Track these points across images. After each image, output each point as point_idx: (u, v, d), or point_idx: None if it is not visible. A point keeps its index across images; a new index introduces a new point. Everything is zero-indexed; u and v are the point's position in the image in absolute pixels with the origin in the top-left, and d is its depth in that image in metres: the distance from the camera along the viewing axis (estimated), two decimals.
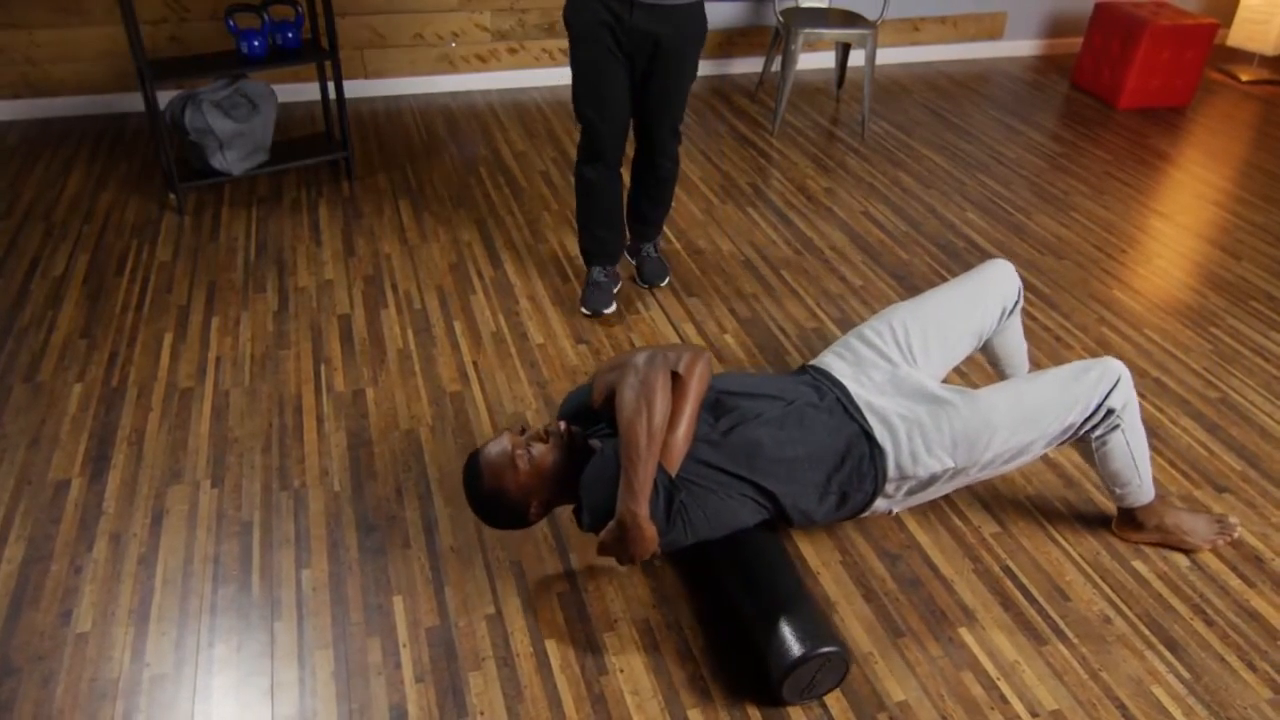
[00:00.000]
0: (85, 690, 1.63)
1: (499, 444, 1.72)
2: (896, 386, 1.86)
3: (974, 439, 1.77)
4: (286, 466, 2.12)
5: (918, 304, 2.01)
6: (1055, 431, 1.80)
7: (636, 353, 1.71)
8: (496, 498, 1.71)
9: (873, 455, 1.78)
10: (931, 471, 1.79)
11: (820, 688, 1.64)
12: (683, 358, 1.70)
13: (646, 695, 1.66)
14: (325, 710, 1.61)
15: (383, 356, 2.49)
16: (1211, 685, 1.71)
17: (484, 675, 1.68)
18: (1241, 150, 4.01)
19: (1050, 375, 1.83)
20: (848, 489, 1.79)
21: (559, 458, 1.72)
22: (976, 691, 1.69)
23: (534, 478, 1.70)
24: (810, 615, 1.64)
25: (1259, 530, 2.06)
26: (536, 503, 1.73)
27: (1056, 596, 1.88)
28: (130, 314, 2.63)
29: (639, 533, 1.61)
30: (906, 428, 1.79)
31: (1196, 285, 2.98)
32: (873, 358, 1.93)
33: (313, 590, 1.83)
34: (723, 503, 1.71)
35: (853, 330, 2.03)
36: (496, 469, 1.70)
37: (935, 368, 1.97)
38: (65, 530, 1.94)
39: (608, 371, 1.77)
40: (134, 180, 3.36)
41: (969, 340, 2.02)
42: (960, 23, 4.90)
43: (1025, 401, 1.79)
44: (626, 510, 1.60)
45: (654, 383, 1.63)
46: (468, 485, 1.74)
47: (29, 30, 3.67)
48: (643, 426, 1.60)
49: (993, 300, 2.03)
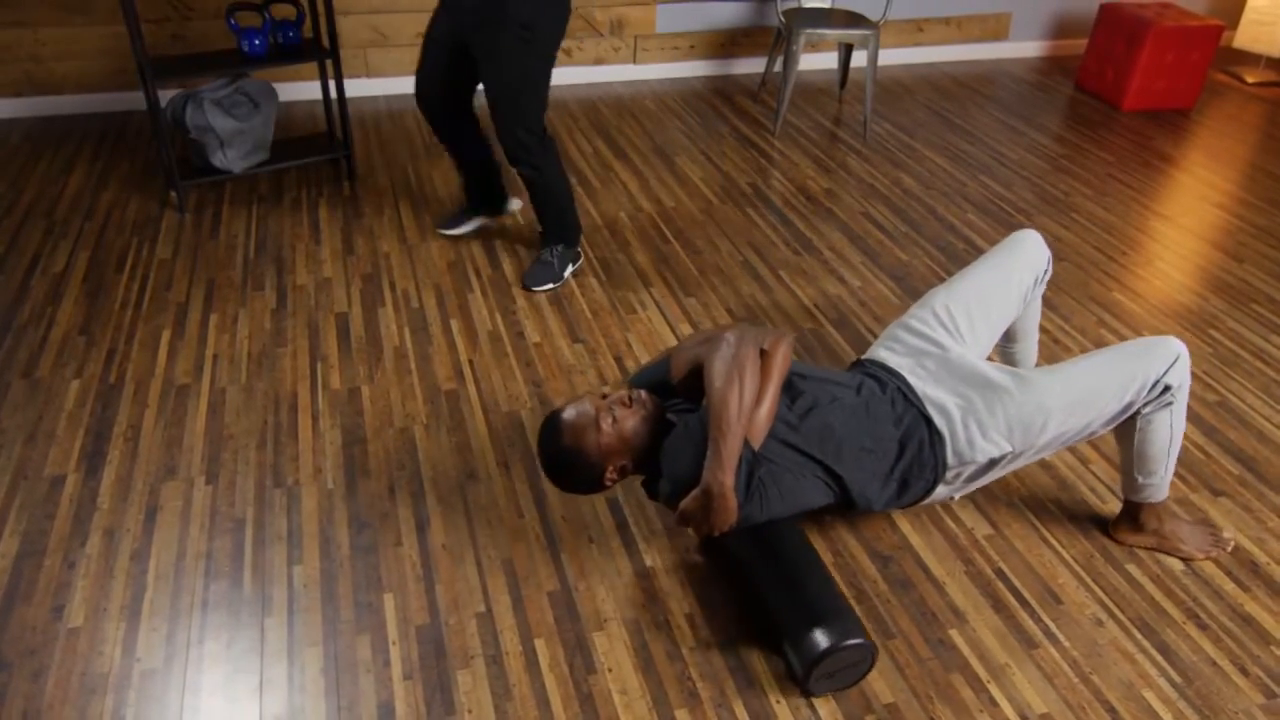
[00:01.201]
0: (75, 685, 1.64)
1: (582, 404, 1.74)
2: (950, 372, 1.89)
3: (1029, 423, 1.79)
4: (280, 464, 2.13)
5: (954, 284, 2.04)
6: (1114, 410, 1.80)
7: (725, 329, 1.74)
8: (575, 458, 1.72)
9: (933, 443, 1.81)
10: (990, 456, 1.81)
11: (842, 681, 1.65)
12: (769, 337, 1.73)
13: (635, 695, 1.66)
14: (313, 707, 1.62)
15: (379, 355, 2.49)
16: (1203, 689, 1.71)
17: (472, 673, 1.68)
18: (1246, 153, 3.99)
19: (1105, 355, 1.82)
20: (909, 477, 1.82)
21: (640, 425, 1.74)
22: (966, 694, 1.68)
23: (616, 441, 1.72)
24: (847, 605, 1.67)
25: (1255, 535, 2.04)
26: (612, 468, 1.74)
27: (1048, 599, 1.87)
28: (129, 311, 2.64)
29: (724, 503, 1.63)
30: (962, 415, 1.81)
31: (1197, 288, 2.97)
32: (923, 345, 1.95)
33: (304, 587, 1.84)
34: (797, 482, 1.74)
35: (895, 322, 2.05)
36: (578, 429, 1.71)
37: (983, 342, 2.01)
38: (59, 525, 1.95)
39: (691, 347, 1.80)
40: (135, 178, 3.37)
41: (1010, 310, 2.05)
42: (964, 24, 4.89)
43: (1080, 383, 1.79)
44: (715, 479, 1.62)
45: (746, 358, 1.65)
46: (545, 443, 1.75)
47: (34, 28, 3.69)
48: (735, 398, 1.61)
49: (1026, 269, 2.05)
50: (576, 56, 4.40)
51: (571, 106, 4.17)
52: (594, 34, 4.36)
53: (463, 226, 3.06)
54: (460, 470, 2.13)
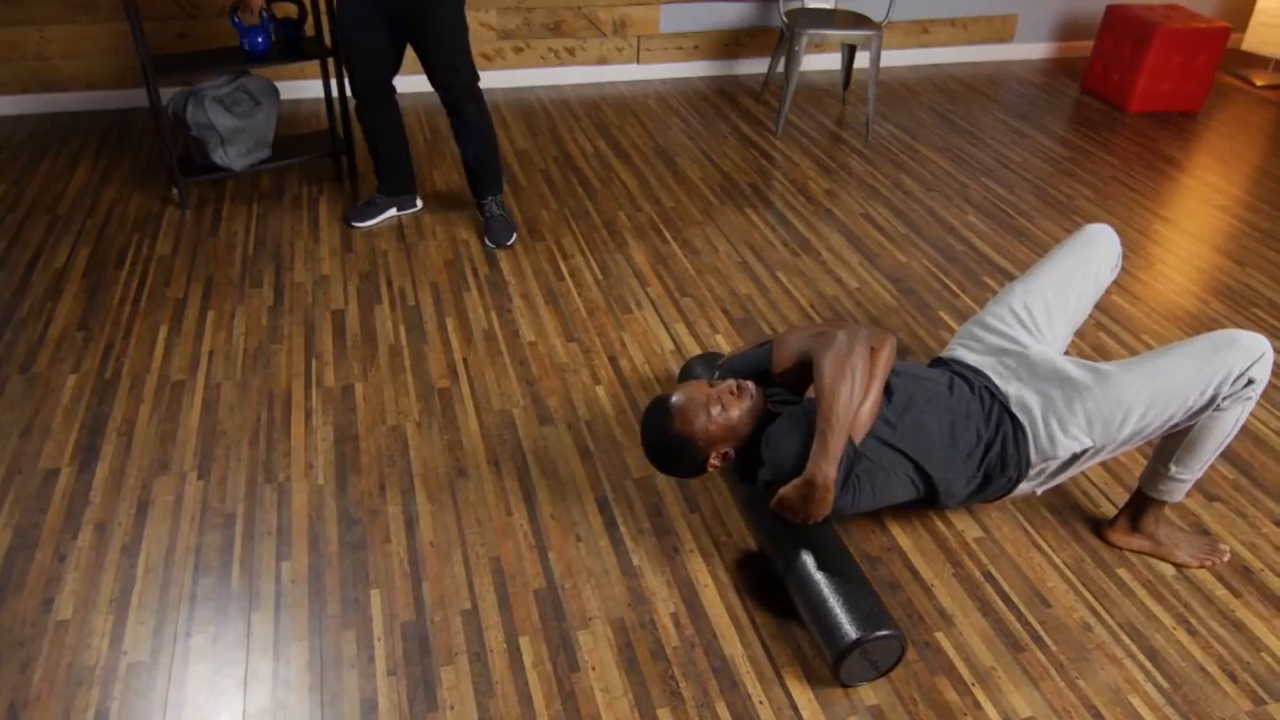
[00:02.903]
0: (62, 677, 1.65)
1: (690, 390, 1.80)
2: (1030, 370, 1.90)
3: (1109, 417, 1.79)
4: (272, 460, 2.14)
5: (1031, 279, 2.04)
6: (1198, 404, 1.78)
7: (833, 326, 1.79)
8: (683, 443, 1.78)
9: (1017, 441, 1.83)
10: (1071, 451, 1.82)
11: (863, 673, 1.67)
12: (875, 337, 1.77)
13: (617, 694, 1.66)
14: (297, 701, 1.62)
15: (374, 352, 2.50)
16: (1191, 695, 1.69)
17: (456, 670, 1.69)
18: (1253, 156, 3.96)
19: (1186, 348, 1.80)
20: (992, 472, 1.85)
21: (746, 414, 1.80)
22: (950, 696, 1.67)
23: (723, 428, 1.78)
24: (878, 603, 1.69)
25: (1248, 540, 2.03)
26: (716, 454, 1.80)
27: (1037, 602, 1.86)
28: (127, 307, 2.66)
29: (825, 494, 1.68)
30: (1043, 411, 1.83)
31: (1198, 292, 2.95)
32: (1002, 343, 1.97)
33: (291, 582, 1.84)
34: (888, 478, 1.79)
35: (972, 319, 2.06)
36: (689, 414, 1.77)
37: (1061, 337, 2.03)
38: (52, 519, 1.97)
39: (799, 340, 1.86)
40: (138, 175, 3.40)
41: (1087, 304, 2.06)
42: (970, 25, 4.87)
43: (1162, 377, 1.78)
44: (819, 470, 1.66)
45: (858, 355, 1.71)
46: (652, 428, 1.80)
47: (40, 26, 3.72)
48: (846, 395, 1.67)
49: (1102, 261, 2.05)
50: (580, 56, 4.40)
51: (574, 106, 4.18)
52: (597, 34, 4.37)
53: (378, 218, 3.13)
54: (451, 468, 2.13)
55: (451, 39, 2.76)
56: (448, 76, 2.80)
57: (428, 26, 2.72)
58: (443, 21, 2.72)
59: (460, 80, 2.82)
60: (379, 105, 2.95)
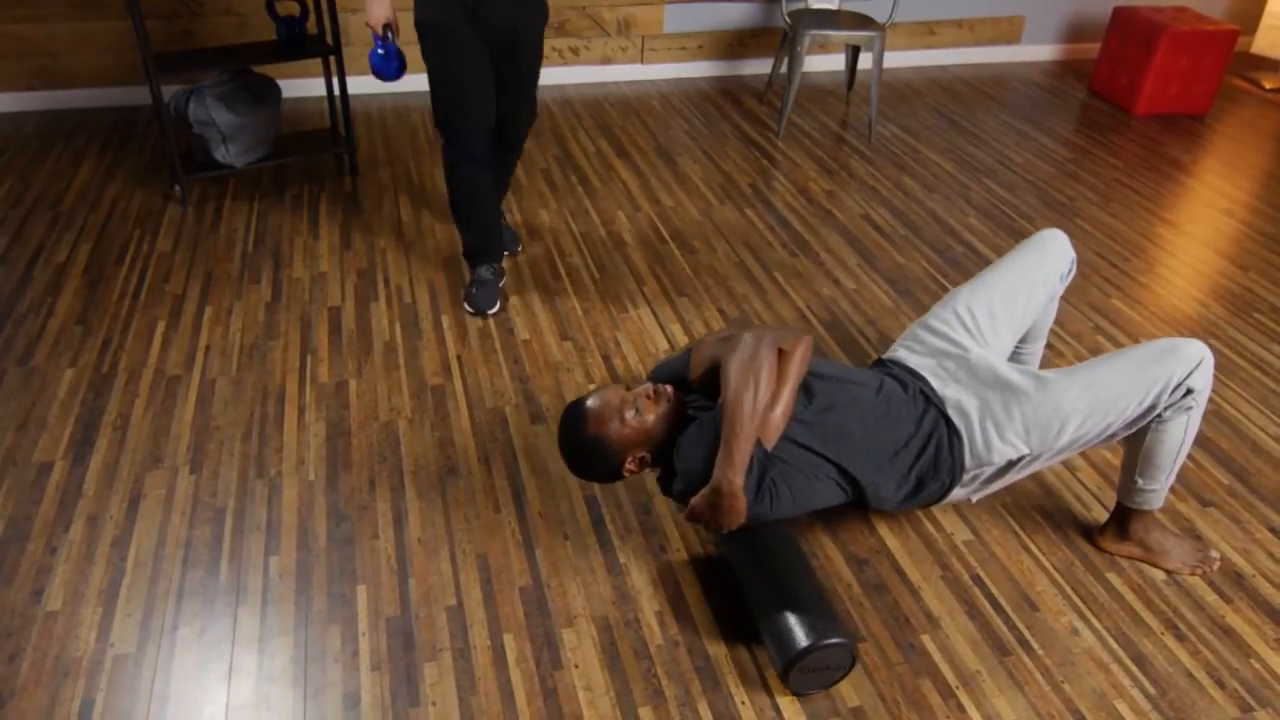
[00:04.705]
0: (49, 667, 1.66)
1: (606, 394, 1.77)
2: (970, 373, 1.88)
3: (1046, 425, 1.77)
4: (264, 455, 2.15)
5: (978, 284, 2.02)
6: (1135, 413, 1.77)
7: (744, 329, 1.76)
8: (596, 446, 1.74)
9: (951, 445, 1.81)
10: (1007, 458, 1.80)
11: (821, 681, 1.65)
12: (787, 338, 1.74)
13: (599, 691, 1.66)
14: (279, 694, 1.63)
15: (369, 349, 2.51)
16: (1177, 701, 1.68)
17: (439, 666, 1.69)
18: (1260, 159, 3.93)
19: (1125, 356, 1.80)
20: (925, 477, 1.82)
21: (662, 419, 1.77)
22: (934, 700, 1.67)
23: (637, 433, 1.75)
24: (830, 608, 1.67)
25: (1241, 546, 2.01)
26: (631, 459, 1.77)
27: (1025, 606, 1.85)
28: (126, 302, 2.68)
29: (733, 502, 1.65)
30: (980, 416, 1.81)
31: (1199, 295, 2.92)
32: (944, 346, 1.95)
33: (279, 577, 1.85)
34: (809, 483, 1.75)
35: (917, 322, 2.04)
36: (602, 417, 1.74)
37: (1005, 343, 2.00)
38: (44, 511, 1.98)
39: (711, 345, 1.82)
40: (141, 172, 3.42)
41: (1034, 310, 2.03)
42: (977, 26, 4.85)
43: (1100, 385, 1.77)
44: (725, 479, 1.64)
45: (763, 359, 1.67)
46: (566, 430, 1.77)
47: (47, 23, 3.75)
48: (749, 399, 1.63)
49: (1051, 268, 2.03)
50: (584, 56, 4.41)
51: (576, 105, 4.18)
52: (601, 33, 4.37)
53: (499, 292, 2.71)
54: (441, 465, 2.14)
55: (535, 70, 2.54)
56: (523, 109, 2.58)
57: (525, 58, 2.47)
58: (535, 51, 2.51)
59: (529, 121, 2.64)
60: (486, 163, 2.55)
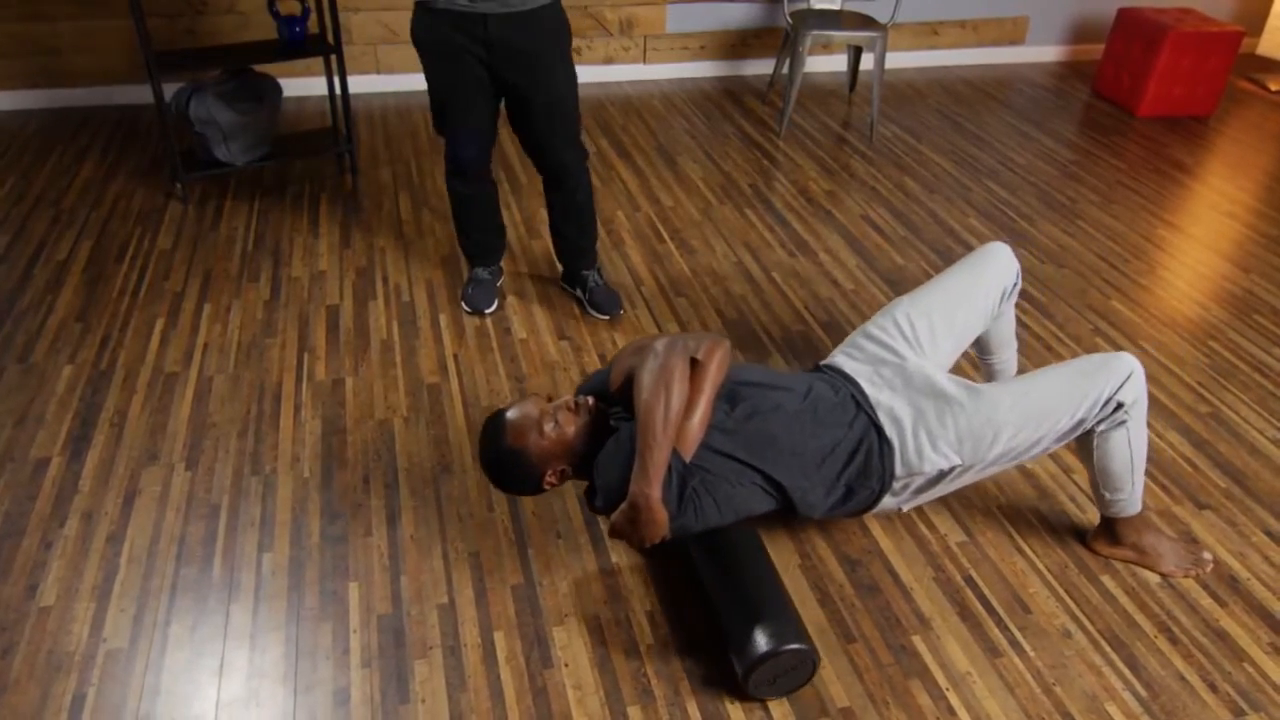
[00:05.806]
0: (42, 662, 1.67)
1: (525, 406, 1.74)
2: (906, 382, 1.86)
3: (979, 436, 1.76)
4: (260, 452, 2.16)
5: (919, 294, 2.00)
6: (1065, 427, 1.77)
7: (657, 338, 1.73)
8: (514, 458, 1.71)
9: (881, 452, 1.78)
10: (939, 468, 1.78)
11: (783, 687, 1.63)
12: (702, 345, 1.71)
13: (589, 690, 1.66)
14: (270, 690, 1.64)
15: (365, 347, 2.52)
16: (1169, 705, 1.67)
17: (430, 664, 1.69)
18: (1264, 161, 3.91)
19: (1058, 370, 1.80)
20: (854, 484, 1.79)
21: (582, 431, 1.74)
22: (924, 701, 1.66)
23: (557, 445, 1.72)
24: (790, 612, 1.65)
25: (1237, 549, 2.00)
26: (551, 471, 1.74)
27: (1017, 608, 1.85)
28: (126, 299, 2.69)
29: (650, 515, 1.62)
30: (913, 424, 1.79)
31: (1199, 297, 2.91)
32: (881, 354, 1.92)
33: (272, 574, 1.86)
34: (734, 490, 1.71)
35: (858, 329, 2.02)
36: (520, 429, 1.71)
37: (945, 355, 1.97)
38: (40, 506, 1.99)
39: (628, 356, 1.79)
40: (143, 170, 3.44)
41: (975, 323, 2.01)
42: (981, 27, 4.83)
43: (1032, 398, 1.76)
44: (639, 492, 1.61)
45: (673, 368, 1.64)
46: (486, 442, 1.75)
47: (52, 22, 3.77)
48: (660, 410, 1.60)
49: (993, 282, 2.02)
50: (586, 56, 4.41)
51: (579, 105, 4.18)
52: (603, 33, 4.37)
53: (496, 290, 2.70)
54: (435, 463, 2.14)
55: (567, 99, 2.39)
56: (552, 144, 2.44)
57: (543, 85, 2.32)
58: (560, 78, 2.35)
59: (570, 155, 2.47)
60: (479, 172, 2.50)
